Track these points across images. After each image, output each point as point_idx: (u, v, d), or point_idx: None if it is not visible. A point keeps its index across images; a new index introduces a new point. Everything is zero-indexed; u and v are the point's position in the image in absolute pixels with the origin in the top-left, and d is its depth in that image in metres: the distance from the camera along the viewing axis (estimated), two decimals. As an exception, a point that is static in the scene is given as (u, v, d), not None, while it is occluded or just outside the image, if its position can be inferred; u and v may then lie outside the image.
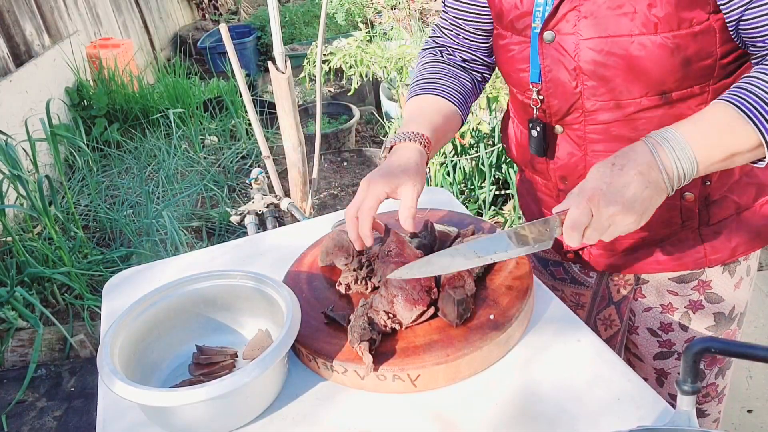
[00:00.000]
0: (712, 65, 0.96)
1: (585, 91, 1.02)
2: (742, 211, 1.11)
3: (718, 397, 1.30)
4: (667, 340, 1.23)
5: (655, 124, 1.01)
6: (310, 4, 7.06)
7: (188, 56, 6.46)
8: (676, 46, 0.93)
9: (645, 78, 0.97)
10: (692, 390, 0.74)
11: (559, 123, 1.09)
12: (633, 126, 1.03)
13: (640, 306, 1.24)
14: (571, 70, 1.01)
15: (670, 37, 0.93)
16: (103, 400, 1.04)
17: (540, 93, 1.08)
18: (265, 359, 0.91)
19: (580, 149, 1.09)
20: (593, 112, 1.04)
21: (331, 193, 3.75)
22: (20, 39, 4.13)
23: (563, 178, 1.15)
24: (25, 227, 3.28)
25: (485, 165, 3.02)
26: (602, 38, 0.96)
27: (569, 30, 0.99)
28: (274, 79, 2.38)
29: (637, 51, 0.95)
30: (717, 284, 1.18)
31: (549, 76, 1.05)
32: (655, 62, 0.95)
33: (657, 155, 0.87)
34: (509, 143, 1.27)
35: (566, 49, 1.00)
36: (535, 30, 1.03)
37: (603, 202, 0.86)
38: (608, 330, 1.31)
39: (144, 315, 1.06)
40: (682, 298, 1.19)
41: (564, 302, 1.34)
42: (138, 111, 4.57)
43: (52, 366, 2.73)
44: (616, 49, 0.96)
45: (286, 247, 1.37)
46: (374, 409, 0.96)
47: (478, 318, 1.03)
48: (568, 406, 0.92)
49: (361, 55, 3.74)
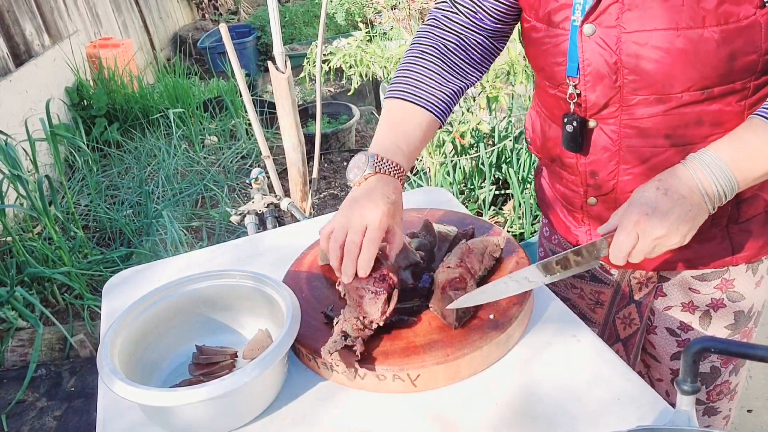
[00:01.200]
0: (756, 60, 0.94)
1: (625, 86, 1.00)
2: None
3: (730, 394, 1.29)
4: (686, 339, 1.22)
5: (695, 119, 0.99)
6: (310, 4, 7.06)
7: (188, 56, 6.46)
8: (723, 40, 0.91)
9: (689, 73, 0.95)
10: (692, 390, 0.74)
11: (593, 117, 1.07)
12: (670, 121, 1.01)
13: (660, 304, 1.23)
14: (612, 63, 0.99)
15: (717, 30, 0.91)
16: (103, 400, 1.04)
17: (577, 87, 1.05)
18: (265, 359, 0.91)
19: (614, 144, 1.07)
20: (632, 107, 1.02)
21: (331, 193, 3.75)
22: (20, 39, 4.13)
23: (593, 174, 1.12)
24: (25, 227, 3.28)
25: (485, 165, 3.02)
26: (647, 32, 0.95)
27: (611, 23, 0.97)
28: (274, 79, 2.38)
29: (683, 44, 0.93)
30: (739, 283, 1.16)
31: (588, 70, 1.02)
32: (700, 56, 0.93)
33: (698, 179, 0.92)
34: (534, 138, 1.25)
35: (607, 43, 0.98)
36: (575, 23, 1.01)
37: (649, 226, 0.91)
38: (627, 329, 1.30)
39: (144, 315, 1.06)
40: (703, 296, 1.18)
41: (582, 300, 1.35)
42: (138, 111, 4.57)
43: (52, 366, 2.73)
44: (661, 43, 0.94)
45: (286, 247, 1.37)
46: (374, 409, 0.96)
47: (479, 318, 1.03)
48: (568, 406, 0.92)
49: (361, 54, 3.74)
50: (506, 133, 3.21)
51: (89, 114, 4.49)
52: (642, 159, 1.05)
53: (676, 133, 1.01)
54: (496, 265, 1.15)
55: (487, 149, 3.07)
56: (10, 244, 2.98)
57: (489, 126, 3.23)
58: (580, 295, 1.35)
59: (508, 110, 3.37)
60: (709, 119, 0.99)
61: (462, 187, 3.15)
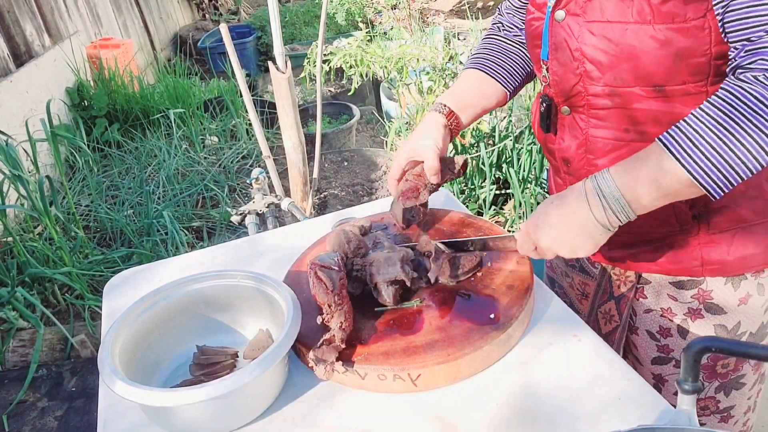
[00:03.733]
0: (706, 64, 0.95)
1: (585, 75, 1.04)
2: (749, 225, 1.09)
3: (720, 413, 1.26)
4: (666, 345, 1.22)
5: (651, 117, 1.01)
6: (311, 4, 7.07)
7: (188, 56, 6.46)
8: (667, 39, 0.93)
9: (636, 68, 0.98)
10: (692, 389, 0.74)
11: (566, 104, 1.11)
12: (628, 115, 1.03)
13: (641, 306, 1.23)
14: (573, 50, 1.03)
15: (662, 29, 0.93)
16: (104, 400, 1.04)
17: (548, 71, 1.11)
18: (266, 359, 0.91)
19: (582, 133, 1.10)
20: (594, 97, 1.05)
21: (331, 192, 3.75)
22: (20, 39, 4.13)
23: (566, 161, 1.17)
24: (26, 227, 3.28)
25: (485, 164, 3.02)
26: (602, 22, 0.98)
27: (577, 11, 1.02)
28: (275, 79, 2.38)
29: (631, 39, 0.96)
30: (718, 295, 1.15)
31: (555, 55, 1.08)
32: (646, 53, 0.96)
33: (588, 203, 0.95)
34: (533, 123, 1.30)
35: (572, 30, 1.03)
36: (549, 7, 1.07)
37: (538, 235, 1.01)
38: (608, 325, 1.31)
39: (145, 315, 1.06)
40: (681, 305, 1.17)
41: (572, 290, 1.37)
42: (138, 111, 4.57)
43: (53, 366, 2.73)
44: (612, 35, 0.98)
45: (286, 247, 1.37)
46: (374, 409, 0.96)
47: (479, 317, 1.03)
48: (568, 405, 0.92)
49: (361, 54, 3.75)
50: (507, 132, 3.21)
51: (90, 114, 4.50)
52: (605, 150, 1.08)
53: (635, 129, 1.04)
54: (495, 265, 1.15)
55: (488, 149, 3.07)
56: (11, 245, 2.98)
57: (489, 126, 3.23)
58: (570, 285, 1.38)
59: (509, 110, 3.37)
60: (667, 119, 0.99)
61: (462, 186, 3.15)
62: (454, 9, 7.27)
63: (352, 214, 1.47)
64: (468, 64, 1.35)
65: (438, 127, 1.25)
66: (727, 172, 0.85)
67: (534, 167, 3.02)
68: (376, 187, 3.79)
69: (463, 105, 1.29)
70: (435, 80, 3.45)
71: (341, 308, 0.98)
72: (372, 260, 1.10)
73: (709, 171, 0.86)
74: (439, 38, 4.71)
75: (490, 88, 1.31)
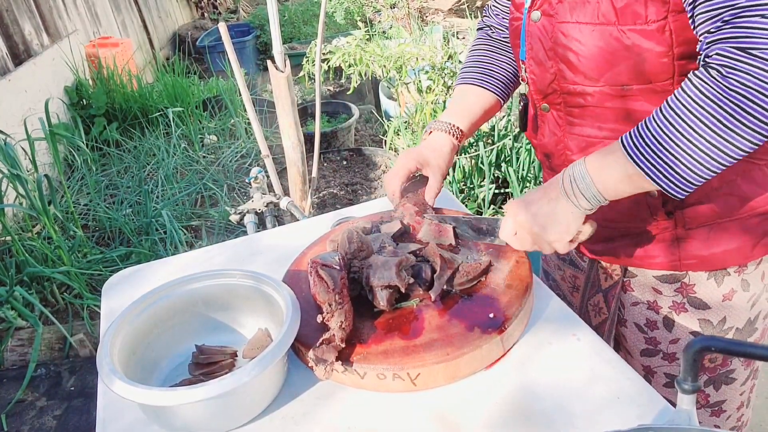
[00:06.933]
0: (670, 64, 0.97)
1: (559, 74, 1.07)
2: (725, 221, 1.09)
3: (711, 407, 1.26)
4: (653, 337, 1.23)
5: (622, 115, 1.04)
6: (309, 3, 7.06)
7: (187, 55, 6.46)
8: (631, 41, 0.96)
9: (603, 68, 1.00)
10: (692, 389, 0.74)
11: (544, 101, 1.15)
12: (600, 113, 1.06)
13: (628, 299, 1.25)
14: (548, 50, 1.07)
15: (625, 30, 0.96)
16: (103, 400, 1.04)
17: (526, 70, 1.15)
18: (265, 358, 0.91)
19: (560, 129, 1.14)
20: (568, 95, 1.09)
21: (330, 192, 3.75)
22: (19, 38, 4.12)
23: (547, 156, 1.21)
24: (25, 227, 3.27)
25: (485, 163, 3.02)
26: (570, 23, 1.01)
27: (550, 11, 1.05)
28: (274, 78, 2.38)
29: (597, 40, 0.99)
30: (701, 290, 1.15)
31: (531, 54, 1.12)
32: (610, 53, 0.98)
33: (562, 184, 1.00)
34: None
35: (546, 30, 1.06)
36: (526, 8, 1.11)
37: (523, 220, 1.03)
38: (597, 317, 1.32)
39: (143, 314, 1.06)
40: (666, 298, 1.19)
41: (564, 282, 1.39)
42: (137, 110, 4.56)
43: (52, 365, 2.73)
44: (580, 36, 1.00)
45: (285, 246, 1.37)
46: (374, 408, 0.96)
47: (478, 317, 1.03)
48: (567, 404, 0.92)
49: (360, 53, 3.74)
50: (506, 131, 3.21)
51: (88, 113, 4.49)
52: (581, 147, 1.12)
53: (607, 126, 1.07)
54: (494, 265, 1.15)
55: (487, 148, 3.07)
56: (10, 244, 2.98)
57: (488, 125, 3.23)
58: (562, 278, 1.41)
59: (508, 109, 3.37)
60: (637, 117, 1.01)
61: (461, 185, 3.15)
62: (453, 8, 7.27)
63: (351, 213, 1.47)
64: (465, 79, 1.36)
65: (450, 151, 1.29)
66: (685, 173, 0.87)
67: (533, 166, 3.02)
68: (375, 186, 3.78)
69: (472, 125, 1.33)
70: (434, 79, 3.45)
71: (341, 307, 0.98)
72: (370, 263, 1.10)
73: (666, 173, 0.88)
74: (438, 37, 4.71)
75: (489, 103, 1.34)
